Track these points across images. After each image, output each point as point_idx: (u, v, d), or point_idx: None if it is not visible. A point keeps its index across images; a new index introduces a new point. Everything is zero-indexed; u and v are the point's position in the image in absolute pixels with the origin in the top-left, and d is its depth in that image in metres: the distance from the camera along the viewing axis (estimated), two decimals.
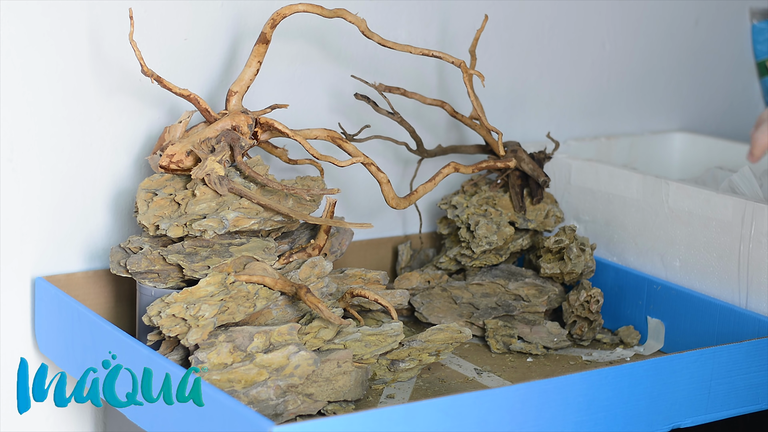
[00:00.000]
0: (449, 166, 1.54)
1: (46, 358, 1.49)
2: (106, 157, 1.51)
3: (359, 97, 1.61)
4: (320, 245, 1.49)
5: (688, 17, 2.01)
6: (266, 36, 1.46)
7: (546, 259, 1.63)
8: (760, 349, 1.38)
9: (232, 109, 1.46)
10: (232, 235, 1.44)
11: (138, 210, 1.40)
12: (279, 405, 1.30)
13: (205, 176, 1.39)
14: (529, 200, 1.67)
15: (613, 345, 1.61)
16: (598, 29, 1.91)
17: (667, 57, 1.99)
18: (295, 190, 1.43)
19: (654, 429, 1.33)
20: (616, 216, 1.67)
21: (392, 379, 1.45)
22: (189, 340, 1.30)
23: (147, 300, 1.41)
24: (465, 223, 1.65)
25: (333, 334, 1.39)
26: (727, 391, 1.36)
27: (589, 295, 1.59)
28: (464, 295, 1.63)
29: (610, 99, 1.95)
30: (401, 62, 1.71)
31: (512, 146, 1.67)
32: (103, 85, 1.49)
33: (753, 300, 1.50)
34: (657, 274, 1.62)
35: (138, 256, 1.40)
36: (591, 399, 1.27)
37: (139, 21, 1.46)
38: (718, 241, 1.53)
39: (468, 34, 1.71)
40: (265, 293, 1.38)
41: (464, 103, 1.76)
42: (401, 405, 1.19)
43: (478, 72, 1.53)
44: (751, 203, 1.50)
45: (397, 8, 1.70)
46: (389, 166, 1.72)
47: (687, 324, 1.55)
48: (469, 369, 1.50)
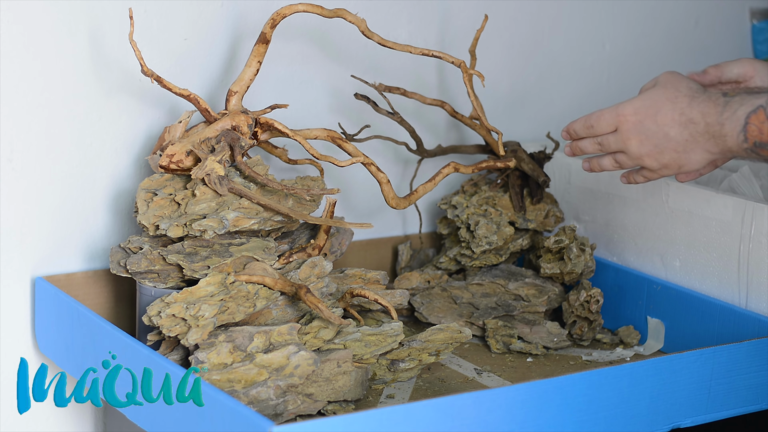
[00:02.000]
0: (449, 166, 1.54)
1: (46, 358, 1.49)
2: (106, 157, 1.51)
3: (359, 97, 1.61)
4: (320, 245, 1.49)
5: (688, 17, 2.01)
6: (266, 36, 1.46)
7: (546, 259, 1.63)
8: (760, 349, 1.38)
9: (232, 109, 1.46)
10: (232, 235, 1.44)
11: (138, 210, 1.40)
12: (279, 405, 1.30)
13: (205, 176, 1.39)
14: (529, 200, 1.67)
15: (613, 345, 1.61)
16: (598, 29, 1.91)
17: (667, 57, 1.99)
18: (295, 190, 1.43)
19: (654, 429, 1.33)
20: (616, 216, 1.67)
21: (392, 379, 1.45)
22: (189, 340, 1.30)
23: (147, 300, 1.41)
24: (465, 223, 1.65)
25: (333, 334, 1.39)
26: (727, 391, 1.36)
27: (589, 295, 1.59)
28: (464, 295, 1.63)
29: (610, 99, 1.94)
30: (401, 62, 1.71)
31: (512, 146, 1.67)
32: (103, 85, 1.49)
33: (753, 300, 1.50)
34: (657, 274, 1.62)
35: (138, 256, 1.40)
36: (591, 399, 1.27)
37: (139, 21, 1.46)
38: (718, 241, 1.53)
39: (468, 34, 1.71)
40: (265, 293, 1.38)
41: (464, 103, 1.76)
42: (401, 405, 1.19)
43: (478, 72, 1.53)
44: (751, 203, 1.50)
45: (397, 8, 1.70)
46: (389, 166, 1.72)
47: (687, 324, 1.55)
48: (469, 369, 1.50)
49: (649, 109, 1.34)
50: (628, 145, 1.36)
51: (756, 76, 1.42)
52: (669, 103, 1.33)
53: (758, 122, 1.27)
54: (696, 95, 1.33)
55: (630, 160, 1.38)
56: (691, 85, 1.34)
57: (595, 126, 1.39)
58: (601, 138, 1.39)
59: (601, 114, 1.38)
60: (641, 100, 1.36)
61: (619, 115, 1.37)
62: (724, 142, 1.30)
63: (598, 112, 1.39)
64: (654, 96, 1.35)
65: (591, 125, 1.39)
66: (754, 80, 1.42)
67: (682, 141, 1.33)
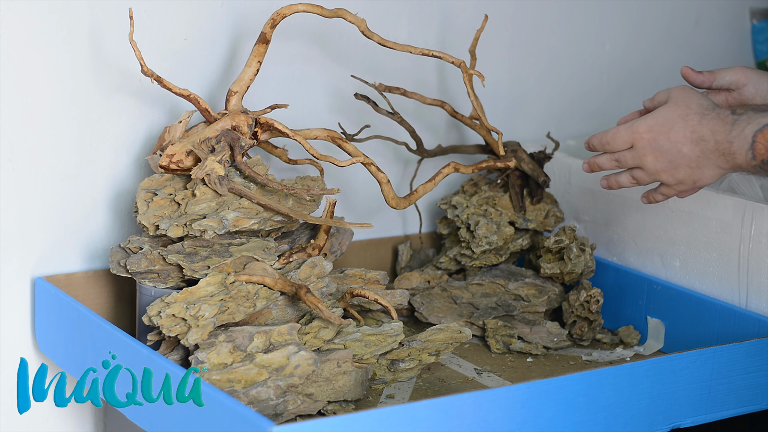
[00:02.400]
0: (449, 166, 1.54)
1: (46, 358, 1.49)
2: (106, 157, 1.51)
3: (359, 97, 1.61)
4: (320, 245, 1.49)
5: (688, 17, 2.01)
6: (266, 36, 1.46)
7: (546, 259, 1.63)
8: (760, 349, 1.38)
9: (232, 109, 1.46)
10: (232, 235, 1.44)
11: (138, 210, 1.40)
12: (279, 405, 1.30)
13: (205, 176, 1.39)
14: (529, 200, 1.67)
15: (613, 345, 1.61)
16: (598, 29, 1.91)
17: (667, 57, 1.99)
18: (295, 190, 1.43)
19: (654, 429, 1.33)
20: (616, 216, 1.67)
21: (392, 379, 1.45)
22: (189, 340, 1.30)
23: (147, 300, 1.41)
24: (465, 223, 1.65)
25: (333, 334, 1.39)
26: (727, 391, 1.36)
27: (589, 295, 1.59)
28: (464, 295, 1.63)
29: (610, 99, 1.94)
30: (401, 62, 1.71)
31: (512, 146, 1.67)
32: (103, 85, 1.49)
33: (753, 300, 1.50)
34: (657, 274, 1.62)
35: (138, 256, 1.40)
36: (591, 399, 1.27)
37: (139, 21, 1.46)
38: (718, 241, 1.53)
39: (468, 34, 1.71)
40: (265, 293, 1.38)
41: (464, 103, 1.76)
42: (401, 405, 1.19)
43: (478, 72, 1.53)
44: (751, 203, 1.50)
45: (397, 8, 1.70)
46: (389, 166, 1.72)
47: (687, 324, 1.55)
48: (469, 369, 1.50)
49: (663, 126, 1.37)
50: (645, 161, 1.39)
51: (749, 84, 1.45)
52: (681, 121, 1.36)
53: (765, 140, 1.30)
54: (706, 113, 1.35)
55: (647, 176, 1.41)
56: (701, 101, 1.37)
57: (611, 143, 1.42)
58: (618, 155, 1.42)
59: (617, 131, 1.41)
60: (654, 118, 1.38)
61: (634, 132, 1.39)
62: (733, 159, 1.33)
63: (613, 129, 1.42)
64: (667, 113, 1.38)
65: (607, 142, 1.42)
66: (747, 87, 1.45)
67: (695, 157, 1.35)
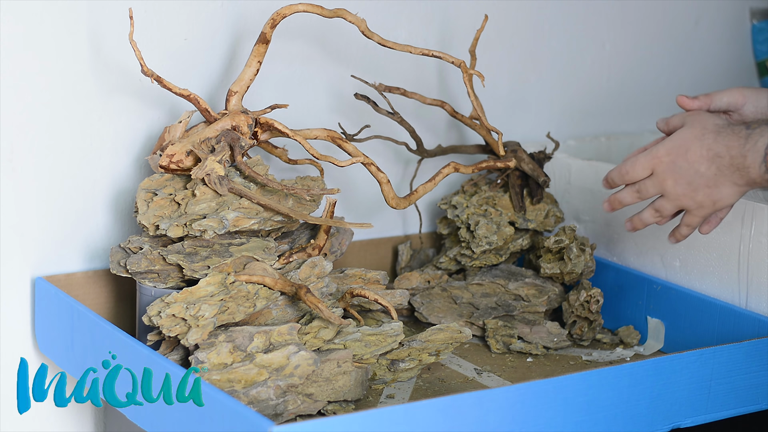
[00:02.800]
0: (449, 166, 1.54)
1: (46, 358, 1.49)
2: (106, 157, 1.51)
3: (359, 97, 1.61)
4: (320, 245, 1.49)
5: (688, 17, 2.01)
6: (266, 36, 1.46)
7: (546, 259, 1.63)
8: (760, 349, 1.38)
9: (232, 109, 1.46)
10: (232, 235, 1.44)
11: (138, 210, 1.40)
12: (279, 405, 1.30)
13: (205, 176, 1.39)
14: (529, 200, 1.67)
15: (613, 345, 1.61)
16: (598, 29, 1.91)
17: (667, 57, 1.99)
18: (295, 190, 1.43)
19: (654, 429, 1.33)
20: (616, 216, 1.67)
21: (392, 379, 1.45)
22: (189, 340, 1.30)
23: (147, 300, 1.41)
24: (465, 223, 1.65)
25: (333, 334, 1.39)
26: (727, 391, 1.36)
27: (589, 295, 1.59)
28: (464, 295, 1.63)
29: (610, 99, 1.94)
30: (401, 62, 1.71)
31: (512, 146, 1.67)
32: (103, 86, 1.49)
33: (753, 300, 1.50)
34: (657, 274, 1.62)
35: (138, 256, 1.40)
36: (591, 399, 1.27)
37: (139, 21, 1.46)
38: (718, 241, 1.53)
39: (468, 34, 1.71)
40: (265, 293, 1.38)
41: (464, 103, 1.76)
42: (401, 405, 1.19)
43: (478, 72, 1.53)
44: (751, 203, 1.50)
45: (397, 8, 1.70)
46: (389, 166, 1.72)
47: (687, 324, 1.55)
48: (469, 369, 1.50)
49: (680, 148, 1.37)
50: (665, 186, 1.39)
51: (747, 103, 1.45)
52: (697, 141, 1.36)
53: None
54: (721, 130, 1.36)
55: (669, 203, 1.40)
56: (716, 121, 1.38)
57: (630, 172, 1.41)
58: (638, 185, 1.42)
59: (635, 159, 1.41)
60: (672, 141, 1.39)
61: (654, 157, 1.39)
62: (747, 173, 1.33)
63: (631, 158, 1.42)
64: (683, 135, 1.38)
65: (626, 171, 1.42)
66: (746, 107, 1.45)
67: (712, 176, 1.36)
